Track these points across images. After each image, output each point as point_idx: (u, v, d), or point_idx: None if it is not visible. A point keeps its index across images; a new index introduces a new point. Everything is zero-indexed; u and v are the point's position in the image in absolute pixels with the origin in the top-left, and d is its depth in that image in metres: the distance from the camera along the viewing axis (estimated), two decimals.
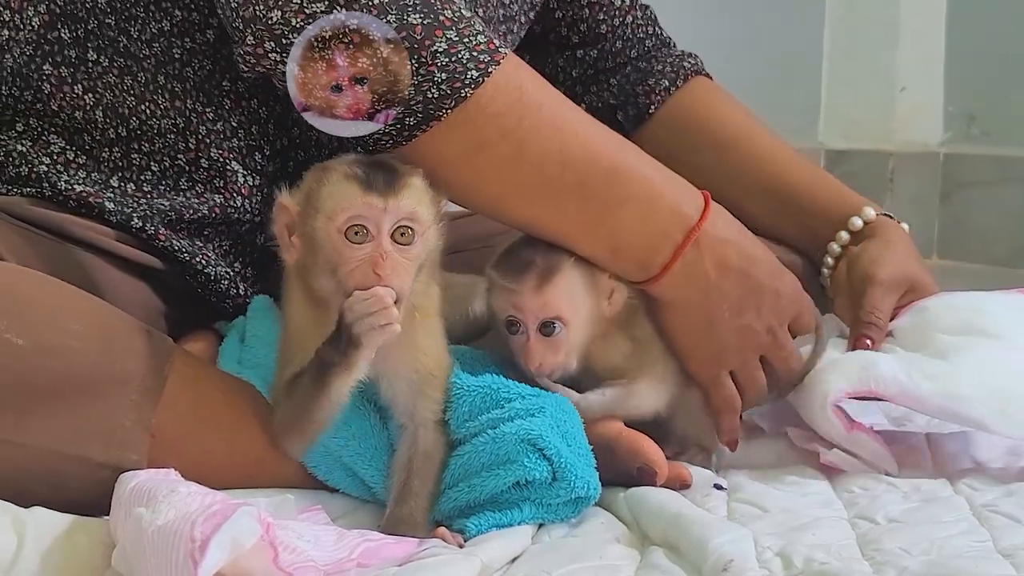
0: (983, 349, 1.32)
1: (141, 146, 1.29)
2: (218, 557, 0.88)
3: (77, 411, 1.07)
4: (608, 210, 1.21)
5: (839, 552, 1.07)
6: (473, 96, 1.15)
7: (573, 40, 1.61)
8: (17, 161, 1.28)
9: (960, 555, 1.06)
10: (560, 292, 1.19)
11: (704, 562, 1.03)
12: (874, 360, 1.30)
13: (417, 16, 1.13)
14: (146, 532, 0.91)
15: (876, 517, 1.17)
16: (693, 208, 1.24)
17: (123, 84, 1.28)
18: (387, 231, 1.06)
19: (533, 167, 1.19)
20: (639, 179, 1.23)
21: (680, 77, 1.60)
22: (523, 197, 1.20)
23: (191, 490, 0.96)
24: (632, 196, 1.22)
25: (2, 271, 1.11)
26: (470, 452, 1.14)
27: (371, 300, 1.04)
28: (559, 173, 1.19)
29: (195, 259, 1.30)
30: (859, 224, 1.46)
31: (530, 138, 1.18)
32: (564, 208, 1.20)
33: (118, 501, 1.01)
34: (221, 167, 1.30)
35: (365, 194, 1.06)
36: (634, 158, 1.25)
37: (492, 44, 1.16)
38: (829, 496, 1.25)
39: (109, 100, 1.28)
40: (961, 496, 1.23)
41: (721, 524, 1.11)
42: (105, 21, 1.28)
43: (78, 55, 1.28)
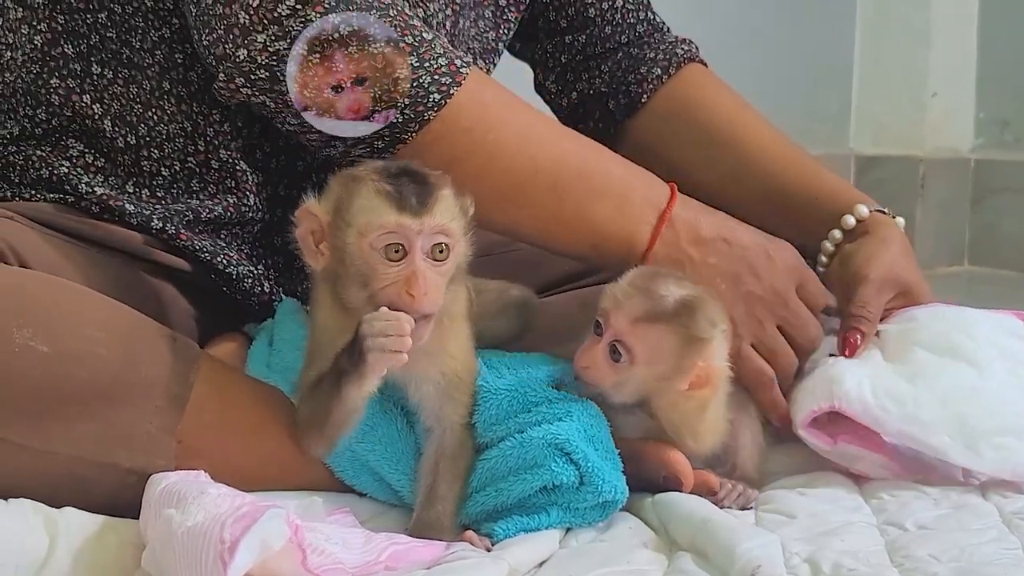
0: (957, 375, 1.30)
1: (151, 152, 1.30)
2: (247, 559, 0.88)
3: (103, 418, 1.08)
4: (583, 208, 1.25)
5: (868, 558, 1.07)
6: (437, 117, 1.19)
7: (561, 25, 1.61)
8: (37, 164, 1.29)
9: (990, 562, 1.05)
10: (653, 341, 1.17)
11: (732, 567, 1.03)
12: (841, 376, 1.28)
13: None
14: (176, 533, 0.91)
15: (905, 524, 1.17)
16: (663, 196, 1.28)
17: (129, 93, 1.29)
18: (421, 248, 1.06)
19: (504, 177, 1.23)
20: (610, 175, 1.27)
21: (672, 65, 1.58)
22: (499, 205, 1.24)
23: (221, 492, 0.97)
24: (605, 192, 1.26)
25: (27, 279, 1.11)
26: (497, 456, 1.14)
27: (392, 323, 1.04)
28: (531, 179, 1.24)
29: (217, 259, 1.31)
30: (852, 222, 1.45)
31: (498, 151, 1.23)
32: (541, 211, 1.25)
33: (148, 502, 1.02)
34: (231, 168, 1.32)
35: (399, 213, 1.05)
36: (602, 157, 1.29)
37: (453, 66, 1.20)
38: (858, 502, 1.24)
39: (116, 109, 1.29)
40: (991, 503, 1.23)
41: (749, 529, 1.11)
42: (107, 35, 1.29)
43: (83, 68, 1.29)
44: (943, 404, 1.26)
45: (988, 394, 1.29)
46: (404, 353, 1.04)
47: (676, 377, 1.17)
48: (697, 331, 1.16)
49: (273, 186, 1.35)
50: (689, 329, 1.16)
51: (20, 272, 1.13)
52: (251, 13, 1.16)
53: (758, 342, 1.29)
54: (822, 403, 1.27)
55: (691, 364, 1.17)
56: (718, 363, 1.18)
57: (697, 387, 1.18)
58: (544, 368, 1.21)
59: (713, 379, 1.18)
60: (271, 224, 1.36)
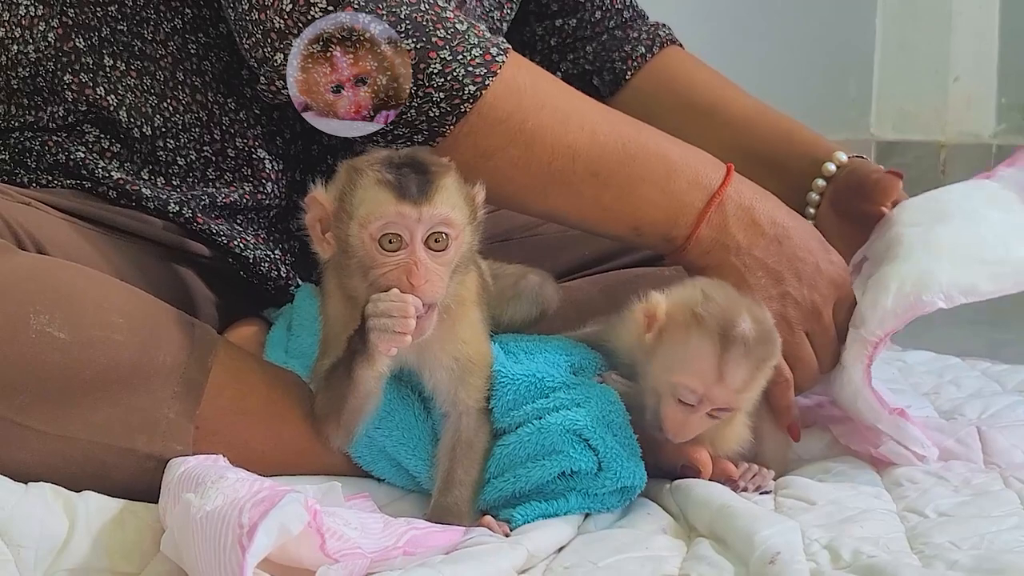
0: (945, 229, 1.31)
1: (167, 143, 1.30)
2: (266, 543, 0.88)
3: (121, 404, 1.08)
4: (625, 192, 1.23)
5: (887, 545, 1.06)
6: (474, 109, 1.18)
7: (552, 9, 1.62)
8: (54, 149, 1.29)
9: (1010, 550, 1.05)
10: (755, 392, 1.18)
11: (751, 554, 1.03)
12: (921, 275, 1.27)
13: (410, 41, 1.15)
14: (195, 518, 0.91)
15: (925, 510, 1.16)
16: (714, 177, 1.25)
17: (143, 85, 1.29)
18: (420, 239, 1.05)
19: (543, 165, 1.21)
20: (654, 157, 1.24)
21: (656, 44, 1.60)
22: (538, 193, 1.23)
23: (239, 476, 0.97)
24: (648, 175, 1.23)
25: (45, 265, 1.11)
26: (515, 442, 1.14)
27: (397, 304, 1.04)
28: (570, 166, 1.22)
29: (233, 242, 1.31)
30: (832, 169, 1.46)
31: (536, 138, 1.21)
32: (580, 197, 1.23)
33: (167, 487, 1.02)
34: (247, 156, 1.32)
35: (398, 202, 1.05)
36: (647, 138, 1.26)
37: (488, 55, 1.18)
38: (878, 489, 1.24)
39: (131, 101, 1.29)
40: (1012, 490, 1.22)
41: (768, 516, 1.11)
42: (118, 27, 1.29)
43: (95, 62, 1.29)
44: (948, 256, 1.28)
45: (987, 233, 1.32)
46: (408, 335, 1.04)
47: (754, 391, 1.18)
48: (772, 349, 1.16)
49: (292, 172, 1.35)
50: (770, 361, 1.17)
51: (37, 258, 1.13)
52: (285, 17, 1.15)
53: (785, 345, 1.24)
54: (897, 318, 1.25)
55: (765, 377, 1.17)
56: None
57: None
58: (562, 352, 1.21)
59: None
60: (288, 209, 1.36)
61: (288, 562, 0.93)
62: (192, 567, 0.93)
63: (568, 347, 1.23)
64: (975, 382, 1.73)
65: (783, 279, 1.26)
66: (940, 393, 1.65)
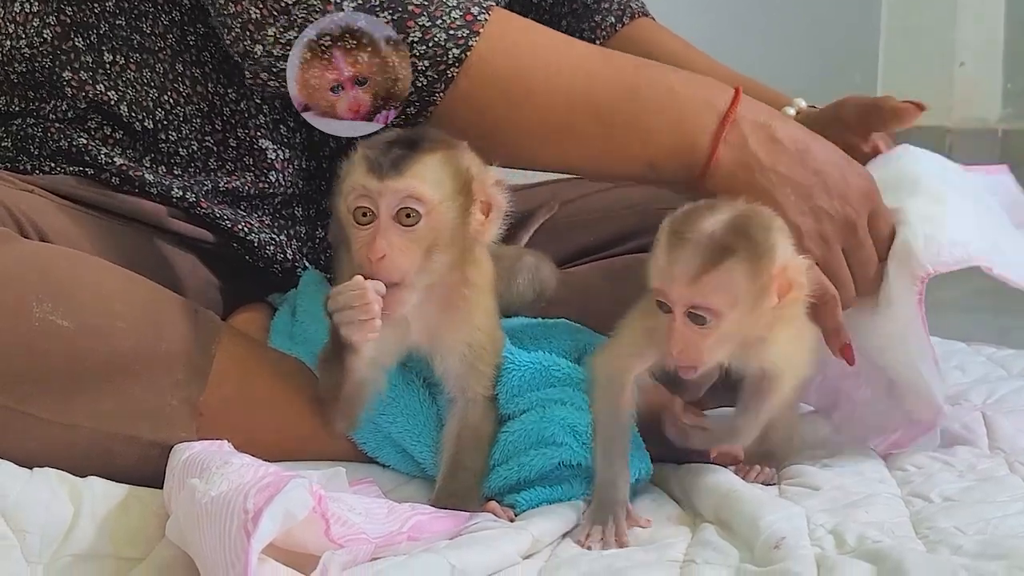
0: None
1: (168, 135, 1.30)
2: (270, 528, 0.88)
3: (124, 392, 1.08)
4: (632, 129, 1.20)
5: (892, 530, 1.06)
6: (461, 72, 1.15)
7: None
8: (56, 136, 1.29)
9: (1015, 535, 1.05)
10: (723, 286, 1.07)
11: (756, 539, 1.03)
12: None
13: (385, 13, 1.13)
14: (199, 503, 0.91)
15: (930, 495, 1.16)
16: (724, 99, 1.21)
17: (143, 78, 1.29)
18: (388, 213, 1.04)
19: (542, 115, 1.19)
20: (658, 90, 1.21)
21: (626, 15, 1.60)
22: (545, 145, 1.20)
23: (244, 462, 0.97)
24: (654, 107, 1.20)
25: (47, 253, 1.11)
26: (520, 431, 1.14)
27: (353, 294, 1.03)
28: (570, 113, 1.19)
29: (237, 227, 1.31)
30: (792, 112, 1.45)
31: (532, 91, 1.18)
32: (587, 141, 1.20)
33: (172, 472, 1.02)
34: (249, 145, 1.32)
35: (366, 175, 1.04)
36: (648, 71, 1.23)
37: (469, 15, 1.16)
38: (882, 474, 1.24)
39: (132, 96, 1.29)
40: (1017, 475, 1.22)
41: (773, 502, 1.11)
42: (116, 22, 1.29)
43: (95, 59, 1.29)
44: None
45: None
46: (375, 320, 1.03)
47: (763, 300, 1.08)
48: (757, 248, 1.07)
49: (297, 160, 1.35)
50: (749, 251, 1.06)
51: (40, 246, 1.13)
52: (260, 7, 1.14)
53: (823, 262, 1.20)
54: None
55: (768, 280, 1.07)
56: (792, 260, 1.09)
57: (786, 293, 1.09)
58: (567, 339, 1.21)
59: (796, 277, 1.09)
60: (292, 196, 1.36)
61: (293, 548, 0.93)
62: (197, 552, 0.93)
63: (574, 331, 1.23)
64: (980, 367, 1.73)
65: (812, 194, 1.20)
66: (945, 378, 1.64)
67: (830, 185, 1.21)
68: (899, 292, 1.23)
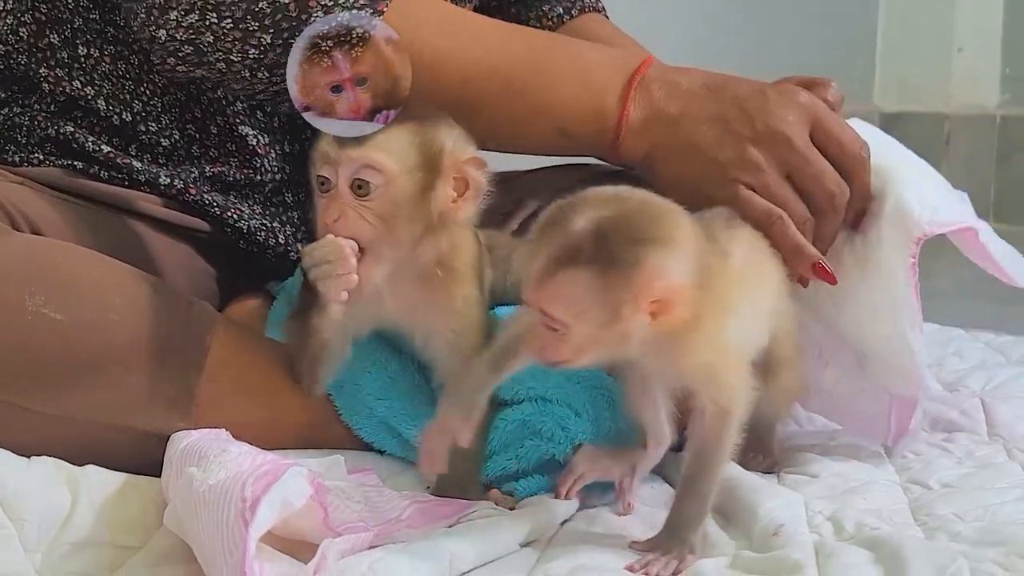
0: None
1: (148, 126, 1.30)
2: (268, 516, 0.88)
3: (120, 384, 1.08)
4: (542, 98, 1.19)
5: (891, 517, 1.07)
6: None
7: None
8: (44, 124, 1.29)
9: (1014, 521, 1.05)
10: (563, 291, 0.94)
11: (754, 527, 1.03)
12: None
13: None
14: (197, 491, 0.91)
15: (929, 482, 1.17)
16: (632, 64, 1.19)
17: (118, 70, 1.29)
18: (344, 182, 1.04)
19: (449, 90, 1.17)
20: (565, 59, 1.20)
21: (575, 7, 1.57)
22: (454, 118, 1.15)
23: (242, 450, 0.97)
24: (561, 76, 1.19)
25: (39, 245, 1.11)
26: (518, 420, 1.14)
27: (327, 249, 1.03)
28: (477, 86, 1.18)
29: (227, 213, 1.31)
30: None
31: (439, 67, 1.17)
32: (499, 113, 1.18)
33: (170, 460, 1.02)
34: (230, 132, 1.31)
35: (330, 142, 1.04)
36: (559, 44, 1.23)
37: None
38: (881, 461, 1.24)
39: (108, 89, 1.29)
40: (1015, 462, 1.23)
41: (771, 489, 1.11)
42: (90, 16, 1.29)
43: (70, 54, 1.29)
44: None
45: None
46: (353, 275, 1.03)
47: (623, 318, 0.93)
48: (611, 259, 0.92)
49: (279, 144, 1.35)
50: (600, 262, 0.92)
51: (32, 239, 1.13)
52: None
53: (759, 188, 1.14)
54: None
55: (628, 297, 0.92)
56: (670, 279, 0.93)
57: (664, 314, 0.94)
58: None
59: (671, 297, 0.93)
60: (282, 183, 1.35)
61: (291, 536, 0.93)
62: (195, 540, 0.93)
63: None
64: (979, 353, 1.73)
65: (729, 121, 1.15)
66: (943, 365, 1.64)
67: (749, 109, 1.16)
68: (890, 256, 1.17)
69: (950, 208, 1.20)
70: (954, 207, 1.21)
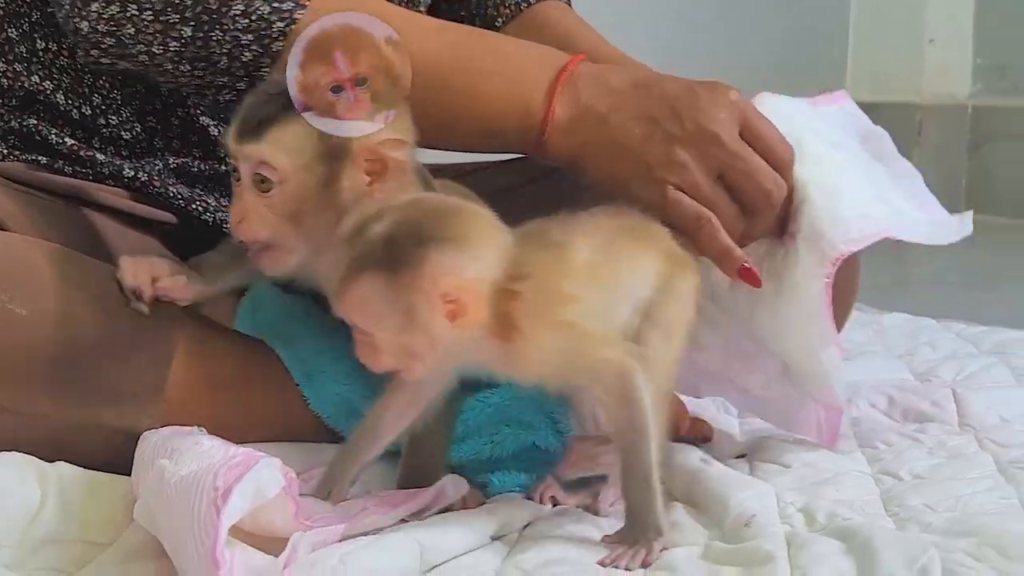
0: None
1: (109, 119, 1.29)
2: (240, 505, 0.87)
3: (87, 380, 1.07)
4: (469, 94, 1.16)
5: (862, 508, 1.07)
6: (286, 46, 1.11)
7: None
8: (5, 118, 1.28)
9: (985, 512, 1.05)
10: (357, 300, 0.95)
11: (726, 517, 1.03)
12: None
13: None
14: (169, 482, 0.91)
15: (900, 473, 1.17)
16: (560, 60, 1.17)
17: (76, 64, 1.28)
18: (247, 177, 1.04)
19: None
20: (492, 56, 1.18)
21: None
22: None
23: (214, 443, 0.96)
24: (488, 73, 1.17)
25: (4, 241, 1.10)
26: (496, 404, 1.14)
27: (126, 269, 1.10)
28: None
29: (193, 205, 1.30)
30: None
31: None
32: (422, 112, 1.13)
33: (141, 457, 1.01)
34: (191, 123, 1.30)
35: (233, 135, 1.04)
36: (486, 40, 1.21)
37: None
38: (852, 451, 1.24)
39: (67, 83, 1.28)
40: (987, 452, 1.23)
41: (742, 480, 1.11)
42: (47, 9, 1.27)
43: (28, 49, 1.28)
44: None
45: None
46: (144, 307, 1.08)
47: (419, 321, 0.93)
48: (395, 262, 0.92)
49: None
50: (386, 265, 0.93)
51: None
52: None
53: (687, 187, 1.12)
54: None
55: (420, 298, 0.93)
56: (462, 279, 0.93)
57: (461, 315, 0.94)
58: None
59: (469, 295, 0.94)
60: None
61: (260, 531, 0.92)
62: (166, 533, 0.92)
63: None
64: (950, 344, 1.73)
65: (658, 120, 1.12)
66: (915, 355, 1.65)
67: (679, 108, 1.13)
68: (806, 275, 1.15)
69: (865, 217, 1.17)
70: (871, 212, 1.17)
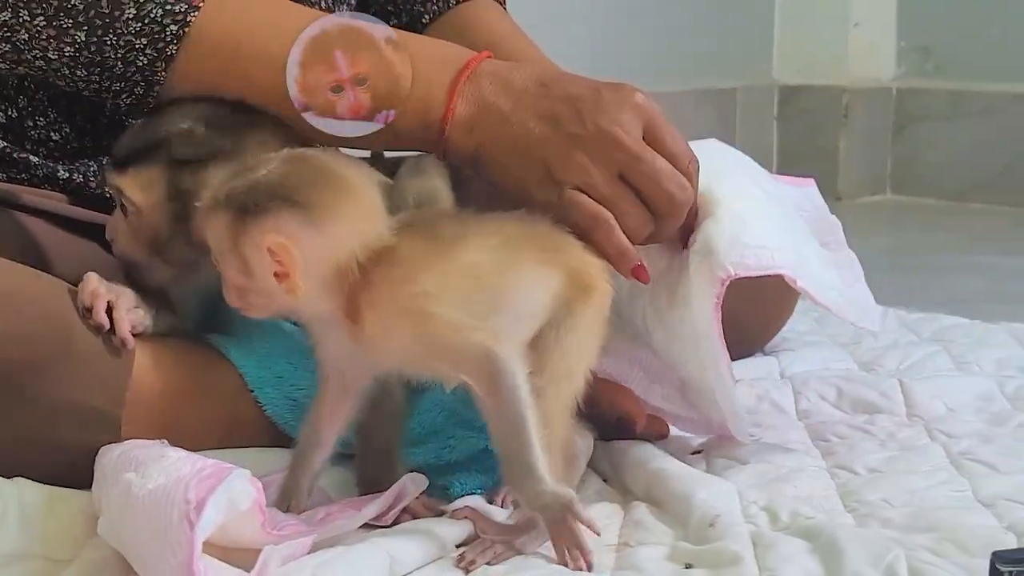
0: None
1: (36, 121, 1.27)
2: (214, 518, 0.87)
3: (43, 397, 1.05)
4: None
5: (821, 504, 1.08)
6: (181, 49, 1.11)
7: None
8: None
9: (940, 507, 1.07)
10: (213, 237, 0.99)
11: (690, 517, 1.03)
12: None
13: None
14: (136, 496, 0.90)
15: (855, 467, 1.18)
16: (463, 58, 1.15)
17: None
18: (118, 201, 1.11)
19: (266, 88, 1.12)
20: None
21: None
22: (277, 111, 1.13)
23: (180, 456, 0.95)
24: None
25: None
26: (449, 408, 1.14)
27: (83, 296, 1.09)
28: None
29: None
30: None
31: (254, 67, 1.12)
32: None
33: (102, 470, 1.00)
34: (119, 123, 1.27)
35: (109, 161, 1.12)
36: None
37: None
38: (806, 445, 1.25)
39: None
40: (937, 444, 1.24)
41: (703, 478, 1.12)
42: None
43: None
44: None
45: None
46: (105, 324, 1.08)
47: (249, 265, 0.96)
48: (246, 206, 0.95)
49: None
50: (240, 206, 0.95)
51: None
52: None
53: (589, 189, 1.09)
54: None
55: (245, 243, 0.95)
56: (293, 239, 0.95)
57: (282, 276, 0.96)
58: None
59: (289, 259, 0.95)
60: None
61: (230, 544, 0.91)
62: (131, 547, 0.92)
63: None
64: (892, 332, 1.74)
65: (560, 120, 1.10)
66: (860, 343, 1.66)
67: (582, 108, 1.11)
68: (697, 292, 1.13)
69: (763, 248, 1.14)
70: (772, 247, 1.15)
